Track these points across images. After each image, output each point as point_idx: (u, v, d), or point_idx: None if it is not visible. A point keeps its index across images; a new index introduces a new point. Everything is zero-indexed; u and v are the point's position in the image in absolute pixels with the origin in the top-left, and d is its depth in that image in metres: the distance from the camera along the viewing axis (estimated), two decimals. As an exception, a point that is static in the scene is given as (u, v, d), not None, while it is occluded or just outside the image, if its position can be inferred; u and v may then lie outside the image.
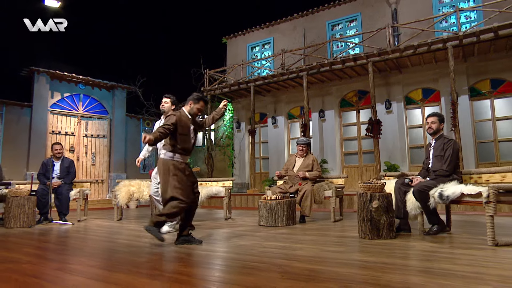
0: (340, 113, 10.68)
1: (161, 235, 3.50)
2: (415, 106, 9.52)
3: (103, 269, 2.55)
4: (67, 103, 10.12)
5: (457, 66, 8.69)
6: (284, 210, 5.33)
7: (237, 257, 2.92)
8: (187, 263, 2.79)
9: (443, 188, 3.76)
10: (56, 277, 2.33)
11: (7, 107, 9.14)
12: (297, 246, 3.40)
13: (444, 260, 2.66)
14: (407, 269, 2.42)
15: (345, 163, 10.50)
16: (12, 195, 5.48)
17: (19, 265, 2.72)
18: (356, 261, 2.72)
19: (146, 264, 2.70)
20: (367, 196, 3.85)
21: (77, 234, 4.65)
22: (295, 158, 6.30)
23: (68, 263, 2.77)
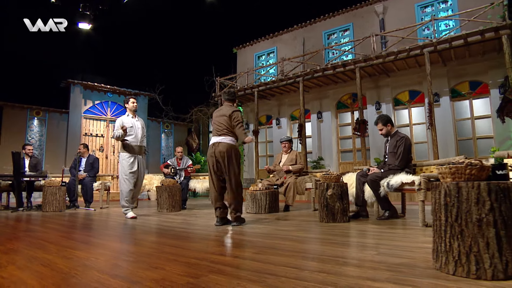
0: (336, 114, 10.95)
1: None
2: (403, 107, 9.66)
3: (95, 237, 3.13)
4: (98, 109, 10.98)
5: (438, 69, 8.81)
6: (267, 200, 5.77)
7: (199, 231, 3.42)
8: (187, 239, 3.32)
9: (391, 179, 4.09)
10: (55, 240, 2.92)
11: (50, 113, 10.12)
12: (260, 226, 3.85)
13: (371, 236, 3.05)
14: (330, 242, 2.83)
15: (341, 160, 10.77)
16: (47, 185, 6.25)
17: (36, 233, 3.35)
18: (295, 236, 3.14)
19: (140, 235, 3.26)
20: (324, 185, 4.24)
21: (92, 217, 5.30)
22: (281, 155, 6.74)
23: (71, 233, 3.38)
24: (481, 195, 1.68)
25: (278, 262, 2.05)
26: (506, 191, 1.69)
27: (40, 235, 3.22)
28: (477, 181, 1.73)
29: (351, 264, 1.96)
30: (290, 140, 6.68)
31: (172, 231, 3.56)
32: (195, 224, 4.16)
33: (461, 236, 1.70)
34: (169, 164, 7.29)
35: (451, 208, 1.75)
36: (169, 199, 6.23)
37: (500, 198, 1.67)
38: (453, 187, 1.76)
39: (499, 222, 1.65)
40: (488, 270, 1.62)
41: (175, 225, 4.00)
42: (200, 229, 3.62)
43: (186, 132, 13.65)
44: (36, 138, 10.00)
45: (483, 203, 1.67)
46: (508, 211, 1.67)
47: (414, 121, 9.35)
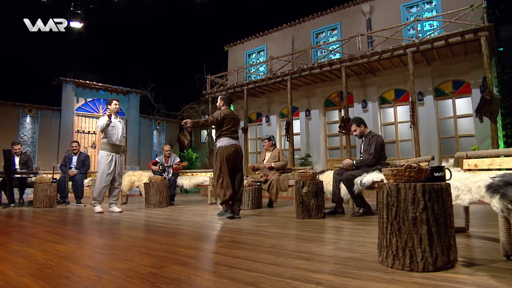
0: (324, 112, 11.11)
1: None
2: (389, 105, 9.84)
3: (78, 232, 3.27)
4: (90, 107, 11.07)
5: (422, 69, 8.98)
6: (250, 196, 5.94)
7: (174, 225, 3.57)
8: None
9: (364, 177, 4.26)
10: (40, 235, 3.06)
11: (42, 111, 10.20)
12: (237, 222, 4.01)
13: (338, 231, 3.22)
14: (296, 238, 2.99)
15: (328, 157, 10.95)
16: (38, 182, 6.37)
17: (24, 229, 3.49)
18: (267, 232, 3.30)
19: (121, 230, 3.41)
20: (300, 183, 4.40)
21: (81, 212, 5.43)
22: (265, 153, 6.89)
23: (56, 228, 3.51)
24: (416, 195, 1.85)
25: (238, 255, 2.21)
26: (439, 192, 1.86)
27: (27, 231, 3.36)
28: (414, 183, 1.89)
29: (303, 257, 2.12)
30: (269, 139, 6.83)
31: (153, 226, 3.71)
32: (177, 219, 4.31)
33: (399, 233, 1.86)
34: (158, 161, 7.43)
35: (391, 207, 1.92)
36: (157, 195, 6.36)
37: (433, 198, 1.84)
38: (394, 188, 1.92)
39: (431, 220, 1.81)
40: (420, 263, 1.79)
41: (158, 221, 4.15)
42: (180, 224, 3.77)
43: (177, 129, 13.76)
44: (28, 135, 10.09)
45: (418, 203, 1.84)
46: (440, 210, 1.84)
47: (399, 119, 9.53)
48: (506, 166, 2.62)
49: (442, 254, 1.80)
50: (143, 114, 12.38)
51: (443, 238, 1.81)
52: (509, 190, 1.79)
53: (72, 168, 7.09)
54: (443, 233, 1.82)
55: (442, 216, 1.83)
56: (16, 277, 1.79)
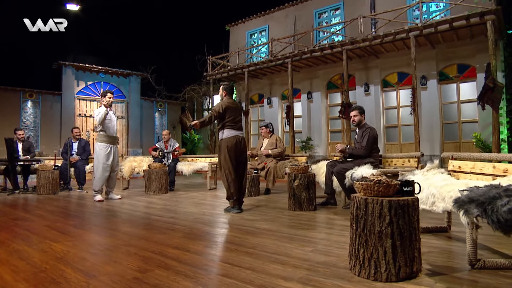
0: (326, 94, 11.08)
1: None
2: (391, 89, 9.78)
3: (75, 227, 3.49)
4: (90, 90, 11.18)
5: (426, 52, 8.84)
6: (247, 185, 6.11)
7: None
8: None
9: (355, 171, 4.37)
10: (39, 231, 3.28)
11: (43, 96, 10.36)
12: (229, 215, 4.20)
13: (323, 229, 3.37)
14: (281, 236, 3.15)
15: (330, 140, 11.03)
16: (40, 169, 6.61)
17: (24, 222, 3.72)
18: (255, 228, 3.47)
19: (117, 224, 3.62)
20: (292, 175, 4.54)
21: (82, 200, 5.67)
22: (262, 140, 7.01)
23: (55, 222, 3.73)
24: (383, 210, 1.97)
25: (219, 257, 2.39)
26: (405, 207, 1.98)
27: (28, 225, 3.58)
28: (382, 198, 2.01)
29: (279, 261, 2.29)
30: (267, 126, 6.93)
31: (148, 219, 3.91)
32: (173, 210, 4.52)
33: (366, 245, 2.00)
34: (157, 147, 7.60)
35: (360, 219, 2.05)
36: (156, 182, 6.59)
37: (398, 213, 1.96)
38: (362, 202, 2.05)
39: (395, 234, 1.95)
40: (383, 274, 1.94)
41: (154, 212, 4.36)
42: (174, 217, 3.97)
43: (179, 110, 13.86)
44: (30, 120, 10.29)
45: (384, 218, 1.96)
46: (405, 224, 1.96)
47: (402, 103, 9.48)
48: (486, 171, 2.71)
49: (405, 265, 1.94)
50: (144, 97, 12.48)
51: (407, 251, 1.95)
52: (472, 207, 1.90)
53: (73, 154, 7.29)
54: (407, 246, 1.95)
55: (407, 230, 1.96)
56: (12, 282, 1.99)
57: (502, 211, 1.68)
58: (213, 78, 11.85)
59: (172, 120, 13.40)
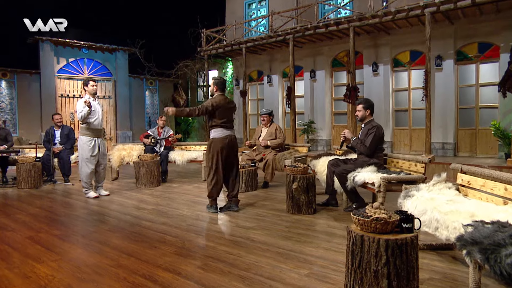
0: (331, 73, 10.97)
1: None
2: (402, 69, 9.66)
3: (62, 239, 3.59)
4: (73, 68, 11.04)
5: (444, 28, 8.66)
6: (244, 179, 6.20)
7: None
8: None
9: (357, 173, 4.42)
10: (21, 245, 3.38)
11: (18, 75, 10.22)
12: (223, 218, 4.30)
13: (322, 241, 3.47)
14: (276, 253, 3.25)
15: (334, 122, 11.03)
16: (20, 162, 6.66)
17: (4, 231, 3.83)
18: (249, 241, 3.57)
19: (106, 234, 3.73)
20: (291, 177, 4.60)
21: (69, 197, 5.77)
22: (261, 128, 7.03)
23: (39, 231, 3.84)
24: (379, 249, 2.04)
25: (210, 283, 2.50)
26: (403, 246, 2.05)
27: (8, 236, 3.68)
28: (379, 235, 2.07)
29: (273, 292, 2.39)
30: (270, 114, 6.92)
31: (138, 226, 4.03)
32: (165, 213, 4.63)
33: (361, 282, 2.09)
34: (150, 134, 7.62)
35: (356, 256, 2.13)
36: (147, 175, 6.67)
37: (396, 253, 2.03)
38: (359, 238, 2.12)
39: (392, 274, 2.03)
40: (378, 313, 2.04)
41: (144, 216, 4.46)
42: (166, 223, 4.07)
43: (172, 88, 13.77)
44: (6, 102, 10.19)
45: (380, 257, 2.04)
46: (402, 264, 2.04)
47: (413, 85, 9.40)
48: (496, 192, 2.76)
49: (402, 305, 2.04)
50: (133, 74, 12.33)
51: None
52: (475, 251, 1.96)
53: (56, 143, 7.32)
54: (404, 286, 2.04)
55: (404, 270, 2.04)
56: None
57: (506, 263, 1.71)
58: (208, 53, 11.68)
59: (164, 98, 13.32)
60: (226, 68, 13.69)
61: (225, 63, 13.58)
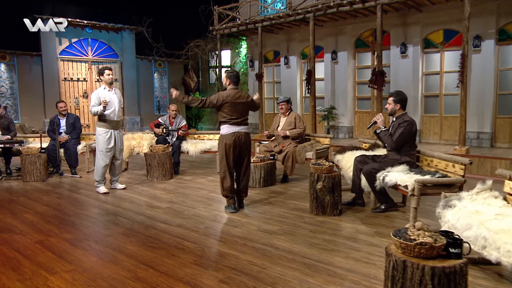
0: (354, 54, 10.71)
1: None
2: (434, 50, 9.33)
3: (74, 244, 3.63)
4: (76, 49, 11.01)
5: (484, 4, 8.28)
6: (261, 173, 6.18)
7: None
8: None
9: (388, 173, 4.33)
10: (32, 252, 3.42)
11: (18, 57, 10.23)
12: (243, 221, 4.28)
13: (349, 249, 3.43)
14: (299, 263, 3.22)
15: (357, 108, 10.84)
16: (24, 153, 6.73)
17: (12, 234, 3.88)
18: (272, 248, 3.55)
19: (120, 238, 3.76)
20: (315, 176, 4.54)
21: (77, 191, 5.83)
22: (279, 117, 6.93)
23: (50, 234, 3.89)
24: (424, 277, 1.98)
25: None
26: (451, 275, 1.98)
27: (17, 240, 3.73)
28: (424, 261, 2.01)
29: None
30: (288, 101, 6.80)
31: (153, 228, 4.05)
32: (180, 213, 4.66)
33: (402, 310, 2.04)
34: (161, 123, 7.58)
35: (396, 282, 2.08)
36: (159, 168, 6.70)
37: (443, 282, 1.97)
38: (400, 263, 2.06)
39: (438, 304, 1.97)
40: None
41: (158, 216, 4.49)
42: (182, 226, 4.09)
43: (182, 70, 13.67)
44: (6, 86, 10.21)
45: (425, 286, 1.98)
46: (450, 294, 1.98)
47: (446, 68, 9.09)
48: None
49: (447, 337, 1.99)
50: (141, 55, 12.25)
51: (450, 321, 1.99)
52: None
53: (61, 133, 7.36)
54: (450, 317, 1.99)
55: (452, 301, 1.98)
56: None
57: None
58: (221, 32, 11.51)
59: (173, 81, 13.25)
60: (240, 48, 13.50)
61: (239, 42, 13.38)
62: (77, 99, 11.07)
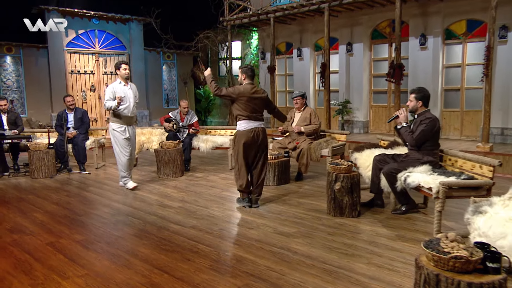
0: (370, 46, 10.54)
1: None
2: (456, 42, 9.13)
3: (86, 245, 3.62)
4: (83, 41, 11.00)
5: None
6: (276, 171, 6.13)
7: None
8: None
9: (410, 173, 4.24)
10: (43, 254, 3.43)
11: (24, 50, 10.24)
12: (258, 222, 4.24)
13: (364, 252, 3.37)
14: (320, 269, 3.18)
15: (372, 102, 10.71)
16: (32, 149, 6.77)
17: (23, 235, 3.89)
18: (290, 252, 3.51)
19: (133, 241, 3.75)
20: (333, 176, 4.48)
21: (86, 189, 5.85)
22: (294, 113, 6.86)
23: (61, 234, 3.89)
24: (460, 293, 1.92)
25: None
26: (489, 290, 1.91)
27: (27, 242, 3.73)
28: (458, 277, 1.94)
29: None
30: (303, 96, 6.73)
31: (166, 230, 4.03)
32: (193, 213, 4.64)
33: (435, 327, 1.99)
34: (171, 118, 7.54)
35: (429, 296, 2.01)
36: (170, 165, 6.69)
37: (480, 298, 1.90)
38: (433, 277, 1.99)
39: (474, 321, 1.91)
40: None
41: (171, 217, 4.47)
42: (196, 228, 4.07)
43: (191, 62, 13.62)
44: (12, 79, 10.23)
45: (460, 302, 1.91)
46: (486, 310, 1.91)
47: (468, 61, 8.89)
48: None
49: None
50: (149, 47, 12.22)
51: None
52: None
53: (69, 128, 7.37)
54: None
55: (489, 318, 1.92)
56: None
57: None
58: (231, 23, 11.42)
59: (182, 74, 13.21)
60: (251, 39, 13.40)
61: (249, 33, 13.27)
62: (84, 92, 11.09)
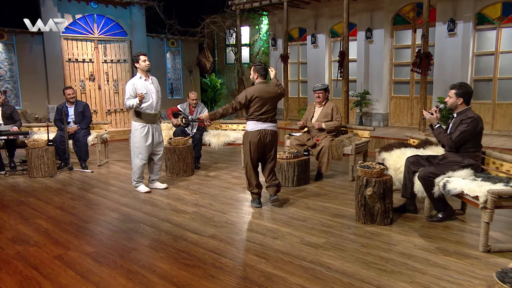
0: (392, 32, 10.28)
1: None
2: (489, 27, 8.84)
3: (94, 259, 3.49)
4: (81, 26, 10.75)
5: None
6: (295, 171, 5.97)
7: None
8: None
9: (450, 178, 4.05)
10: (50, 269, 3.29)
11: (17, 36, 9.98)
12: (283, 230, 4.09)
13: (400, 268, 3.21)
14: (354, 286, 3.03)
15: (393, 93, 10.48)
16: (31, 146, 6.62)
17: (27, 248, 3.75)
18: (318, 267, 3.37)
19: (146, 252, 3.61)
20: (363, 180, 4.31)
21: (89, 190, 5.71)
22: (314, 107, 6.69)
23: (68, 248, 3.75)
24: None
25: None
26: None
27: (33, 254, 3.60)
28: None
29: None
30: (326, 89, 6.57)
31: (183, 240, 3.90)
32: (209, 219, 4.53)
33: None
34: (180, 111, 7.37)
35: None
36: (179, 163, 6.59)
37: None
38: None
39: None
40: None
41: (186, 224, 4.35)
42: (215, 237, 3.93)
43: (197, 49, 13.37)
44: (5, 68, 9.97)
45: None
46: None
47: (503, 48, 8.61)
48: None
49: None
50: (152, 33, 11.96)
51: None
52: None
53: (70, 123, 7.22)
54: None
55: None
56: None
57: None
58: (241, 7, 11.15)
59: (187, 61, 12.97)
60: (260, 24, 13.13)
61: (259, 18, 13.01)
62: (83, 82, 10.89)
